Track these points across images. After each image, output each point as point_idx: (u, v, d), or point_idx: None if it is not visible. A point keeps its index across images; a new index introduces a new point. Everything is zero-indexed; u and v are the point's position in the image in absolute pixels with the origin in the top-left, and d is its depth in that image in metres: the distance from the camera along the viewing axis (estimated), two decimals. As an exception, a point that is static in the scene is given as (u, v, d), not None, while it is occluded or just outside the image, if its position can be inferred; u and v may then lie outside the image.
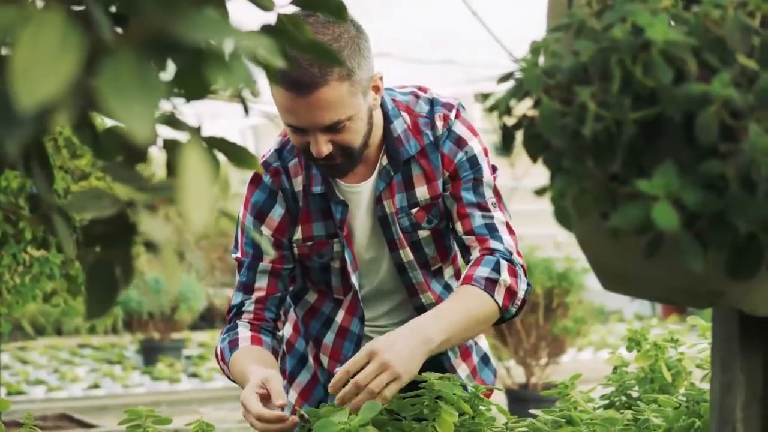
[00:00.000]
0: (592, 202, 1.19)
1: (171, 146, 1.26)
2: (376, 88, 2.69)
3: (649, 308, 19.08)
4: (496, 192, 2.84)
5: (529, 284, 2.80)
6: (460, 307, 2.65)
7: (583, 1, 1.31)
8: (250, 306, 2.88)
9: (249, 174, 2.88)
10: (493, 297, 2.69)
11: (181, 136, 1.26)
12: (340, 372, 2.46)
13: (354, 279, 2.88)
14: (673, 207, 1.10)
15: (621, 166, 1.18)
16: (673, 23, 1.20)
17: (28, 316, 17.52)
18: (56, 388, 12.04)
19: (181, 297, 15.31)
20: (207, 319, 17.90)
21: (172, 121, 1.25)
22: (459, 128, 2.82)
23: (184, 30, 0.72)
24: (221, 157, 1.33)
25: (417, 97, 2.86)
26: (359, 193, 2.85)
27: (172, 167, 1.26)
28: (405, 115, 2.82)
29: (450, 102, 2.85)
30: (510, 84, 1.31)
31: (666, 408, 2.43)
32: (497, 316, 2.74)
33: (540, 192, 1.24)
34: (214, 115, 2.56)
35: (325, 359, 3.01)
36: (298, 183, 2.84)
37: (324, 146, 2.60)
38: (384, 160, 2.80)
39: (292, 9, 1.37)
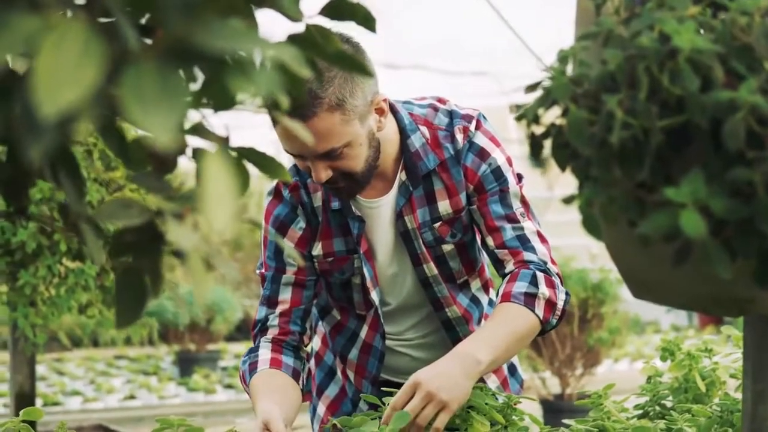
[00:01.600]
0: (620, 210, 1.19)
1: (199, 156, 1.27)
2: (380, 111, 2.68)
3: (686, 319, 18.98)
4: (524, 201, 2.82)
5: (567, 293, 2.79)
6: (503, 327, 2.64)
7: (611, 9, 1.31)
8: (274, 320, 2.88)
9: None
10: (533, 312, 2.69)
11: (209, 146, 1.27)
12: (387, 410, 2.44)
13: (374, 295, 2.87)
14: (700, 214, 1.10)
15: (649, 174, 1.18)
16: (700, 31, 1.20)
17: (65, 327, 17.62)
18: (92, 399, 12.09)
19: (217, 308, 15.34)
20: (243, 330, 17.92)
21: (200, 130, 1.26)
22: (481, 140, 2.79)
23: (208, 39, 0.73)
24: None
25: (435, 109, 2.84)
26: (378, 208, 2.84)
27: (198, 176, 1.27)
28: (423, 128, 2.80)
29: (469, 113, 2.82)
30: (539, 93, 1.31)
31: (699, 418, 2.42)
32: (539, 329, 2.74)
33: (568, 201, 1.24)
34: (238, 126, 2.57)
35: (351, 374, 3.01)
36: (318, 198, 2.85)
37: (323, 173, 2.61)
38: (403, 175, 2.79)
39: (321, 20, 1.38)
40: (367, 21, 1.49)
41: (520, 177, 2.86)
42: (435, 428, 2.41)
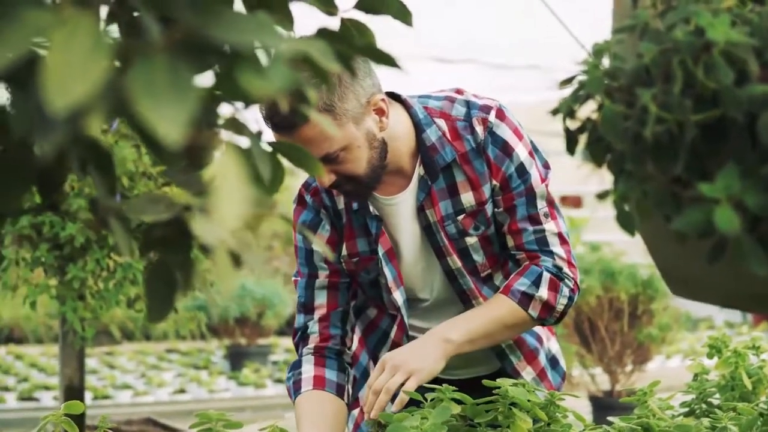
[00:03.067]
0: (654, 206, 1.18)
1: (235, 151, 1.26)
2: (380, 111, 2.66)
3: (740, 315, 18.83)
4: (548, 199, 2.80)
5: (571, 297, 2.82)
6: (486, 313, 2.75)
7: (648, 1, 1.29)
8: (314, 327, 2.91)
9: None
10: (526, 311, 2.76)
11: (243, 141, 1.27)
12: (364, 391, 2.62)
13: (397, 295, 2.86)
14: (735, 210, 1.08)
15: (684, 169, 1.16)
16: (735, 24, 1.18)
17: (117, 321, 17.72)
18: (142, 393, 12.16)
19: (268, 303, 15.38)
20: (293, 325, 17.94)
21: (234, 125, 1.25)
22: (503, 132, 2.76)
23: (222, 32, 0.72)
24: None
25: (452, 101, 2.81)
26: (397, 205, 2.83)
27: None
28: (440, 121, 2.77)
29: (488, 104, 2.79)
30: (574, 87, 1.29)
31: (745, 416, 2.39)
32: (532, 324, 2.83)
33: (602, 196, 1.23)
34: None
35: None
36: (341, 201, 2.86)
37: (325, 177, 2.63)
38: (421, 170, 2.77)
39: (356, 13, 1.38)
40: (402, 14, 1.48)
41: (546, 166, 2.83)
42: (403, 392, 2.54)
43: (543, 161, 2.83)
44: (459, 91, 2.86)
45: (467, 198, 2.78)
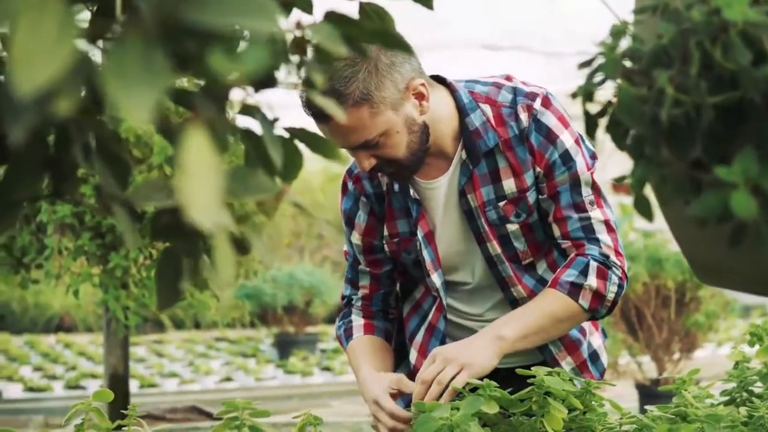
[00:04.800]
0: (673, 191, 1.15)
1: (247, 136, 1.25)
2: (420, 95, 2.68)
3: (794, 302, 18.66)
4: (594, 187, 2.77)
5: (620, 286, 2.78)
6: (537, 308, 2.73)
7: (669, -18, 1.26)
8: (357, 302, 3.04)
9: None
10: (576, 301, 2.73)
11: (258, 127, 1.25)
12: (416, 384, 2.60)
13: (435, 277, 2.87)
14: (752, 194, 1.05)
15: (703, 153, 1.13)
16: (757, 2, 1.14)
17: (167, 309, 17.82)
18: (189, 381, 12.22)
19: (315, 291, 15.41)
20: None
21: (248, 110, 1.23)
22: (548, 119, 2.74)
23: (198, 15, 0.70)
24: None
25: (499, 87, 2.80)
26: (437, 188, 2.83)
27: (246, 157, 1.25)
28: (485, 106, 2.77)
29: (534, 91, 2.77)
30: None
31: (785, 405, 2.35)
32: (584, 316, 2.78)
33: (619, 181, 1.20)
34: (295, 105, 2.58)
35: (414, 354, 3.00)
36: (383, 183, 2.89)
37: (365, 162, 2.67)
38: (463, 154, 2.77)
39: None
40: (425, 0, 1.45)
41: (594, 157, 2.80)
42: (455, 384, 2.53)
43: (590, 152, 2.81)
44: (508, 78, 2.86)
45: (509, 184, 2.77)
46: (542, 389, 2.40)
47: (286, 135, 1.30)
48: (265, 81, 1.13)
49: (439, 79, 2.82)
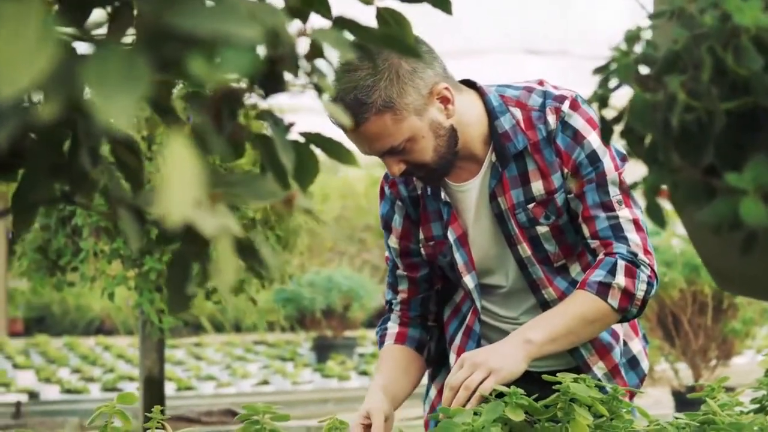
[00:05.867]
0: (686, 197, 1.14)
1: (261, 141, 1.25)
2: (444, 99, 2.69)
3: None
4: (622, 187, 2.76)
5: (650, 284, 2.75)
6: (566, 310, 2.72)
7: (685, -14, 1.25)
8: (397, 306, 3.06)
9: None
10: (605, 301, 2.71)
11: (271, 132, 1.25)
12: (445, 390, 2.60)
13: (467, 279, 2.88)
14: (763, 202, 1.04)
15: (717, 159, 1.12)
16: (769, 8, 1.13)
17: (206, 312, 17.89)
18: (226, 384, 12.25)
19: (354, 295, 15.42)
20: (380, 317, 17.98)
21: (262, 115, 1.23)
22: (576, 121, 2.75)
23: (180, 20, 0.70)
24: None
25: (530, 90, 2.81)
26: (469, 191, 2.84)
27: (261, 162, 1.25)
28: (515, 110, 2.78)
29: (563, 94, 2.78)
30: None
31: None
32: (615, 317, 2.75)
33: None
34: (312, 110, 2.61)
35: (452, 357, 3.01)
36: (419, 187, 2.91)
37: (395, 167, 2.69)
38: (493, 157, 2.79)
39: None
40: (441, 2, 1.45)
41: (624, 159, 2.80)
42: (483, 390, 2.52)
43: (621, 154, 2.81)
44: (540, 82, 2.88)
45: (537, 187, 2.78)
46: (568, 395, 2.39)
47: (302, 140, 1.30)
48: (274, 86, 1.13)
49: (469, 83, 2.83)
